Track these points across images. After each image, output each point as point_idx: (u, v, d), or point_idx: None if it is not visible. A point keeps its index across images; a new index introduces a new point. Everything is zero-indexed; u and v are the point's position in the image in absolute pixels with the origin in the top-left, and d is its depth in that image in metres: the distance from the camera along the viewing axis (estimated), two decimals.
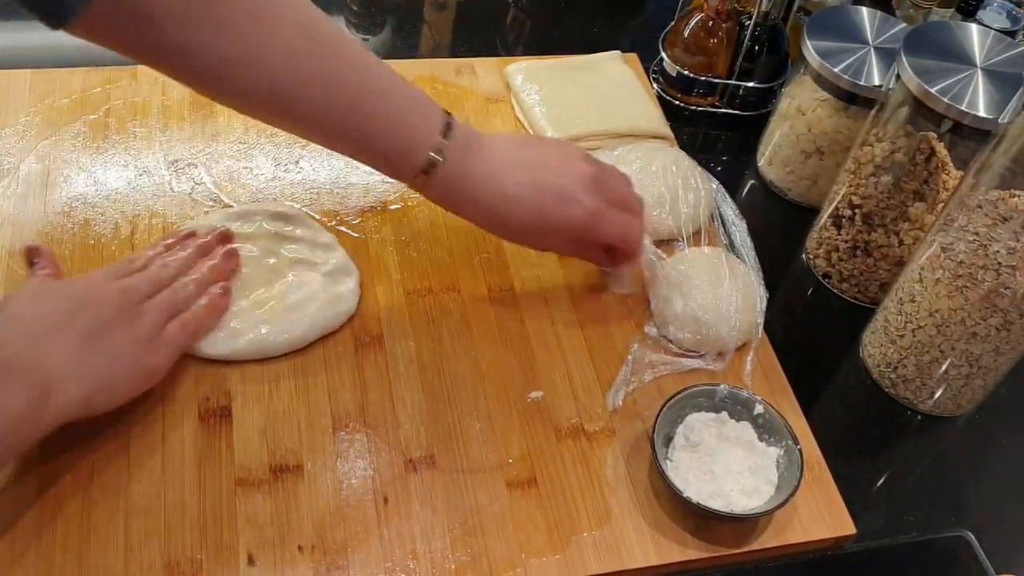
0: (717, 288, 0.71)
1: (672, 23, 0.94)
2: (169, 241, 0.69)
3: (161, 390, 0.64)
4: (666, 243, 0.76)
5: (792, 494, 0.61)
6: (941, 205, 0.71)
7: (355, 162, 0.80)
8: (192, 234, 0.70)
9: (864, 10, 0.81)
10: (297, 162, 0.81)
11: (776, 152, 0.87)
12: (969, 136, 0.68)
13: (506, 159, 0.66)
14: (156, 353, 0.61)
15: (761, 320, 0.73)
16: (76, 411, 0.55)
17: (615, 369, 0.70)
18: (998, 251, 0.62)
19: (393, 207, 0.79)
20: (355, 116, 0.60)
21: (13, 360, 0.53)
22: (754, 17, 0.87)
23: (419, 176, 0.63)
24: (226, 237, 0.70)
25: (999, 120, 0.64)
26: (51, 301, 0.58)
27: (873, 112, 0.74)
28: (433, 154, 0.62)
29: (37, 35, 0.93)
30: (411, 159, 0.62)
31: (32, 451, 0.59)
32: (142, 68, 0.85)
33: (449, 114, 0.64)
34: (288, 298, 0.68)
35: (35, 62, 0.85)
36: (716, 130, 0.95)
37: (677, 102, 0.94)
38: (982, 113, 0.65)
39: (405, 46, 0.98)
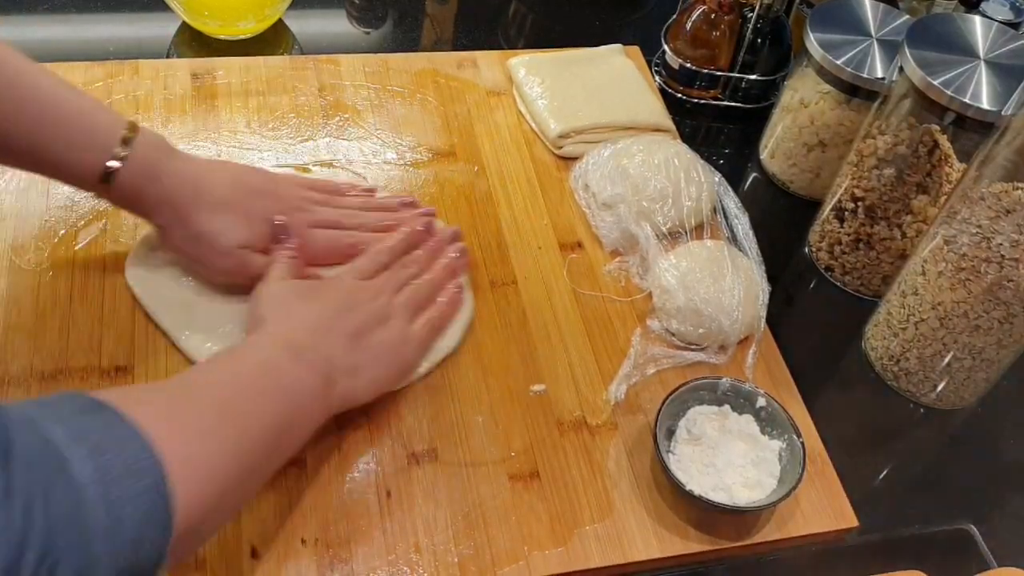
0: (719, 281, 0.71)
1: (674, 16, 0.94)
2: (405, 238, 0.71)
3: None
4: (668, 236, 0.76)
5: (794, 487, 0.61)
6: (944, 198, 0.71)
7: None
8: (428, 229, 0.72)
9: (867, 2, 0.81)
10: (299, 155, 0.80)
11: (778, 145, 0.87)
12: (972, 128, 0.67)
13: (203, 167, 0.68)
14: (409, 349, 0.65)
15: (763, 313, 0.73)
16: (349, 401, 0.61)
17: (617, 362, 0.70)
18: (1001, 244, 0.62)
19: None
20: (24, 126, 0.60)
21: (305, 349, 0.58)
22: (756, 10, 0.87)
23: (100, 185, 0.62)
24: (457, 235, 0.73)
25: (1002, 112, 0.64)
26: (319, 302, 0.63)
27: (876, 105, 0.74)
28: (112, 163, 0.61)
29: (38, 29, 0.93)
30: (87, 170, 0.62)
31: None
32: (144, 62, 0.86)
33: (135, 125, 0.63)
34: None
35: (36, 56, 0.84)
36: (718, 123, 0.95)
37: (679, 95, 0.94)
38: (985, 105, 0.65)
39: (407, 40, 0.98)
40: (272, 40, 0.95)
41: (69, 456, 0.40)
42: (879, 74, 0.76)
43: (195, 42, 0.93)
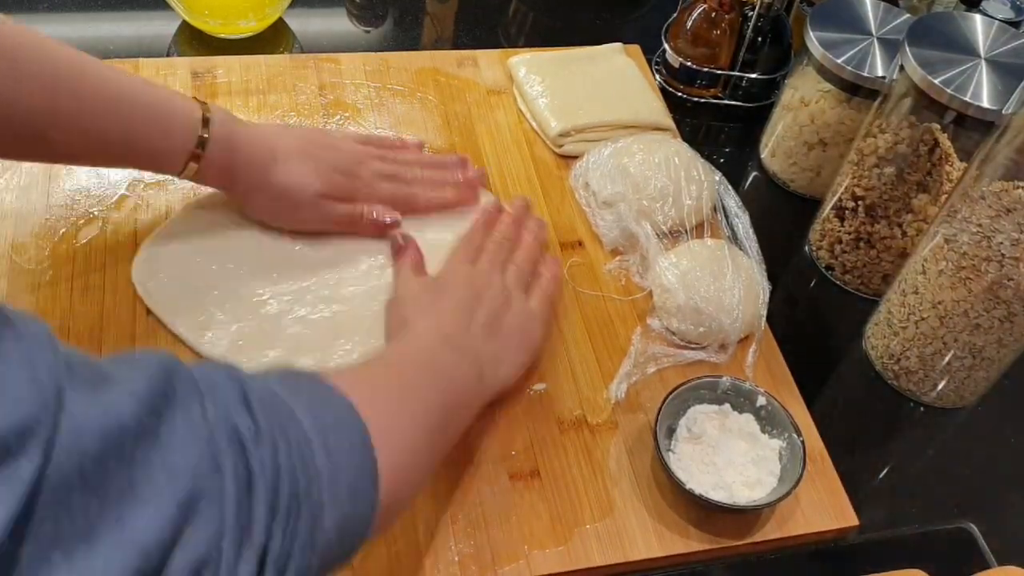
0: (720, 280, 0.71)
1: (675, 15, 0.94)
2: (489, 217, 0.74)
3: None
4: (669, 235, 0.76)
5: (795, 486, 0.61)
6: (944, 196, 0.71)
7: None
8: (500, 208, 0.76)
9: (868, 1, 0.81)
10: None
11: (779, 144, 0.87)
12: (973, 127, 0.67)
13: (271, 130, 0.72)
14: (535, 326, 0.67)
15: (764, 312, 0.73)
16: (496, 391, 0.63)
17: (618, 361, 0.70)
18: (1001, 243, 0.62)
19: None
20: (118, 123, 0.62)
21: (463, 346, 0.61)
22: (757, 8, 0.87)
23: (188, 165, 0.65)
24: (529, 205, 0.77)
25: (1003, 111, 0.64)
26: (449, 295, 0.65)
27: (876, 103, 0.74)
28: (199, 143, 0.64)
29: (39, 28, 0.93)
30: (177, 154, 0.65)
31: None
32: (144, 61, 0.85)
33: (203, 103, 0.66)
34: None
35: None
36: (719, 122, 0.95)
37: (680, 94, 0.94)
38: (986, 104, 0.65)
39: (407, 38, 0.98)
40: (272, 39, 0.95)
41: (292, 405, 0.43)
42: (880, 73, 0.76)
43: (195, 41, 0.93)
